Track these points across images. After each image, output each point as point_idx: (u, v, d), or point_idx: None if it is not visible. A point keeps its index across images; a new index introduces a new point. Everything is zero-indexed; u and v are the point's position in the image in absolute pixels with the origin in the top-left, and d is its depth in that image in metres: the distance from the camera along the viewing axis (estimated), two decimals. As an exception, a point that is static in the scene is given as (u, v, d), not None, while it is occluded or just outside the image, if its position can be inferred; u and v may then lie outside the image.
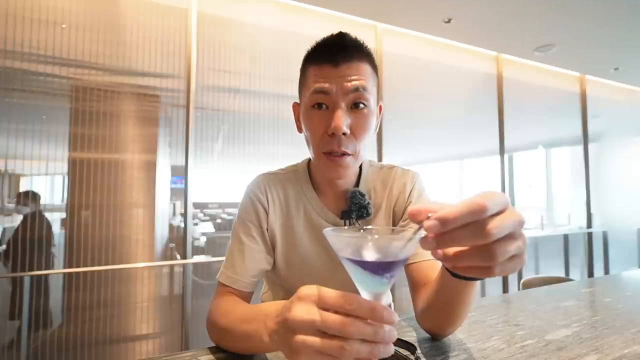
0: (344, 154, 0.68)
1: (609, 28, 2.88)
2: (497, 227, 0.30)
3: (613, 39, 3.07)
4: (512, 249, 0.32)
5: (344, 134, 0.66)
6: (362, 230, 0.42)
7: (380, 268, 0.35)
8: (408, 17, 2.74)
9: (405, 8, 2.60)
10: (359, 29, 2.86)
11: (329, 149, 0.68)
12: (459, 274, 0.43)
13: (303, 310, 0.36)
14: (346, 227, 0.45)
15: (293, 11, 2.63)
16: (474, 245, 0.32)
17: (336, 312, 0.35)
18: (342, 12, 2.67)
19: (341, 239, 0.37)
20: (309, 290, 0.37)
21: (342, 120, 0.65)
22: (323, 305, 0.36)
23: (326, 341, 0.34)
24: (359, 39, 0.71)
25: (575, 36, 3.02)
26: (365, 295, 0.37)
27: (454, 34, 3.00)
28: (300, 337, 0.35)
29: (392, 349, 0.35)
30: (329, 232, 0.37)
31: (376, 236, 0.36)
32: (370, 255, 0.35)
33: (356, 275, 0.37)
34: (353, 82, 0.66)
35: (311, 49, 0.72)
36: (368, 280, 0.36)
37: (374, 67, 0.72)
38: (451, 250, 0.34)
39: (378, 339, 0.34)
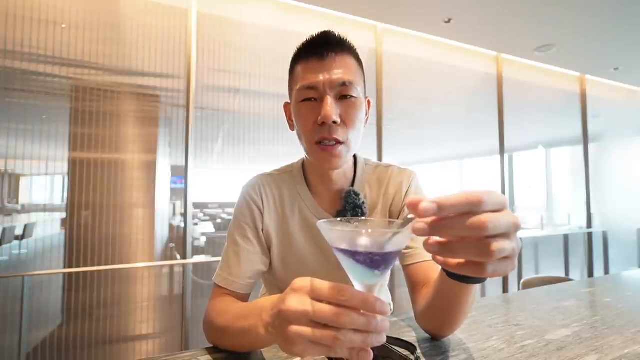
0: (337, 142, 0.68)
1: (609, 28, 2.87)
2: (492, 221, 0.30)
3: (613, 39, 3.07)
4: (507, 248, 0.32)
5: (334, 122, 0.67)
6: (356, 223, 0.43)
7: (372, 260, 0.36)
8: (408, 17, 2.74)
9: (405, 8, 2.60)
10: (359, 29, 2.86)
11: (320, 137, 0.68)
12: (452, 272, 0.43)
13: (297, 301, 0.37)
14: (339, 219, 0.45)
15: (293, 11, 2.63)
16: (470, 239, 0.32)
17: (329, 303, 0.36)
18: (342, 12, 2.66)
19: (334, 232, 0.37)
20: (302, 282, 0.38)
21: (332, 109, 0.66)
22: (316, 297, 0.36)
23: (319, 331, 0.35)
24: (343, 35, 0.72)
25: (575, 36, 3.02)
26: (358, 287, 0.38)
27: (454, 34, 3.00)
28: (294, 328, 0.36)
29: (384, 339, 0.36)
30: (322, 224, 0.38)
31: (369, 228, 0.36)
32: (362, 246, 0.35)
33: (349, 266, 0.38)
34: (339, 76, 0.67)
35: (297, 49, 0.74)
36: (360, 271, 0.37)
37: (359, 62, 0.73)
38: (445, 242, 0.33)
39: (370, 329, 0.35)
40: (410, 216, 0.33)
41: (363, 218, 0.55)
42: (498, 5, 2.54)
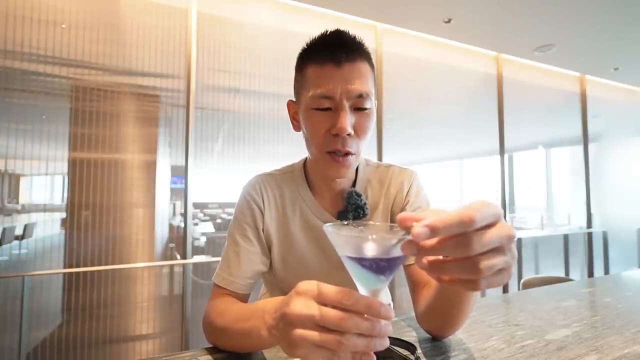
0: (348, 153, 0.68)
1: (609, 28, 2.87)
2: (480, 241, 0.30)
3: (613, 39, 3.07)
4: (499, 263, 0.32)
5: (348, 134, 0.66)
6: (361, 227, 0.42)
7: (378, 265, 0.36)
8: (408, 17, 2.74)
9: (405, 8, 2.60)
10: (359, 29, 2.86)
11: (332, 148, 0.68)
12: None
13: (302, 305, 0.37)
14: (345, 223, 0.45)
15: (293, 11, 2.63)
16: (457, 258, 0.32)
17: (334, 307, 0.36)
18: (342, 12, 2.66)
19: (340, 236, 0.37)
20: (307, 285, 0.38)
21: (347, 121, 0.65)
22: (321, 301, 0.37)
23: (324, 335, 0.35)
24: (357, 36, 0.70)
25: (575, 36, 3.02)
26: (363, 291, 0.38)
27: (454, 34, 3.00)
28: (299, 331, 0.36)
29: (387, 343, 0.36)
30: (328, 228, 0.37)
31: (374, 235, 0.36)
32: (369, 252, 0.35)
33: (354, 271, 0.38)
34: (357, 87, 0.65)
35: (308, 46, 0.71)
36: (366, 276, 0.37)
37: (372, 66, 0.72)
38: (435, 261, 0.33)
39: (374, 334, 0.35)
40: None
41: (370, 222, 0.55)
42: (498, 5, 2.54)
